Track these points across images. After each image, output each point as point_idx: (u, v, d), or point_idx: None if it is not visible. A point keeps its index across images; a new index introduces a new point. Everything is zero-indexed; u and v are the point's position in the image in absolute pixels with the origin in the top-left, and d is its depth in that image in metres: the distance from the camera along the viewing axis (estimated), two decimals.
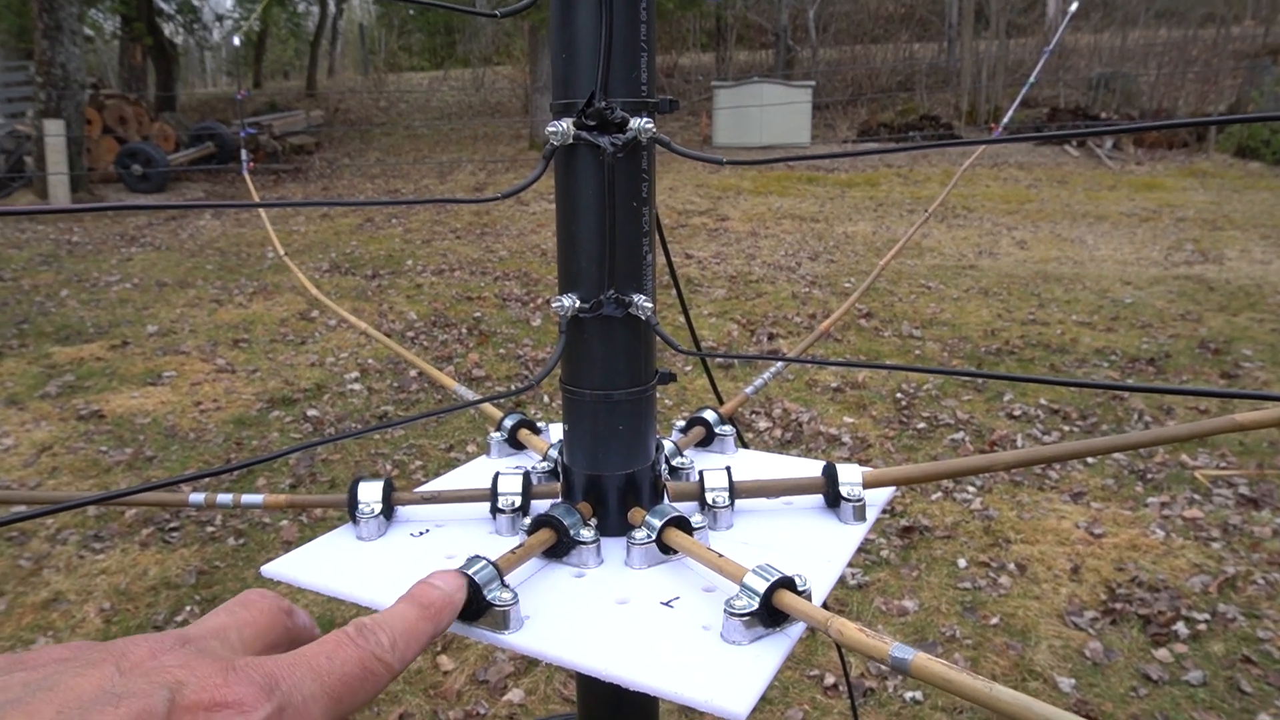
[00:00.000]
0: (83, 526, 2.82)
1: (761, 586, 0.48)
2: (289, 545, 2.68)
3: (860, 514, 0.63)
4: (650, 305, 0.57)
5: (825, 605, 0.51)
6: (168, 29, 17.19)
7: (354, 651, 0.33)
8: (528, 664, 2.15)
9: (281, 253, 1.19)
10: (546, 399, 3.81)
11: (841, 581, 2.42)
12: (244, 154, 1.53)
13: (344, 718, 0.32)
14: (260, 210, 1.29)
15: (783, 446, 3.39)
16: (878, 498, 0.65)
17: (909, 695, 2.02)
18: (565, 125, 0.53)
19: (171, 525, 2.83)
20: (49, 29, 9.91)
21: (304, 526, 2.81)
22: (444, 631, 0.37)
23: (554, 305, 0.57)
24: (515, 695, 2.04)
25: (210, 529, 2.81)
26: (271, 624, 0.35)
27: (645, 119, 0.53)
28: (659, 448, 0.64)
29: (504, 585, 0.51)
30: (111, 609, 2.40)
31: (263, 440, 3.49)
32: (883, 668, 2.11)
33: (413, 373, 4.19)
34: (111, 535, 2.77)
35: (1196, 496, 2.88)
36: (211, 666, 0.29)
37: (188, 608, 2.40)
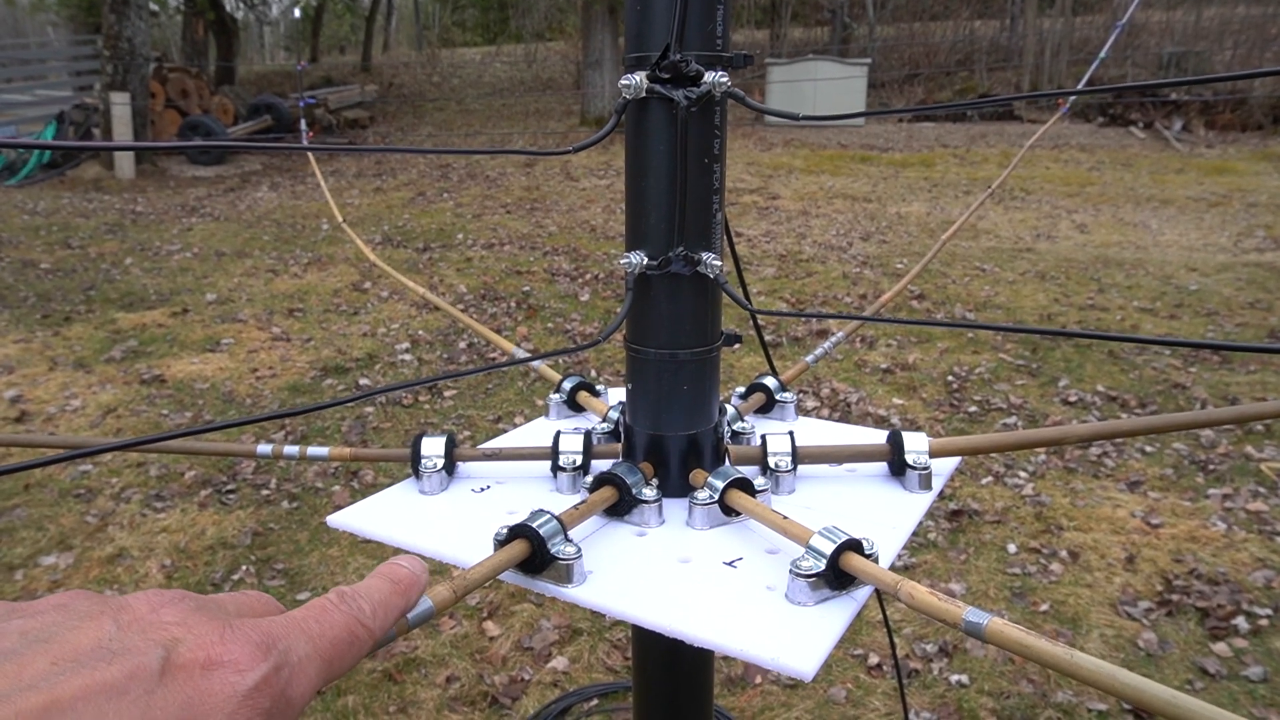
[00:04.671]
0: (145, 486, 2.91)
1: (828, 548, 0.47)
2: (341, 509, 2.72)
3: (926, 482, 0.62)
4: (719, 264, 0.56)
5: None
6: (229, 4, 17.46)
7: (340, 616, 0.34)
8: (572, 632, 2.17)
9: (340, 219, 1.21)
10: (594, 372, 3.82)
11: None
12: (303, 124, 1.55)
13: (331, 680, 0.33)
14: (320, 181, 1.30)
15: None
16: (943, 467, 0.64)
17: (954, 679, 2.00)
18: (638, 79, 0.52)
19: (229, 488, 2.91)
20: (116, 4, 10.14)
21: (355, 493, 2.87)
22: (412, 608, 0.39)
23: (621, 261, 0.56)
24: (559, 663, 2.07)
25: (265, 492, 2.88)
26: (266, 609, 0.35)
27: (720, 73, 0.52)
28: (722, 410, 0.63)
29: (568, 540, 0.51)
30: (172, 565, 2.48)
31: None
32: (928, 649, 2.09)
33: (462, 344, 4.23)
34: (172, 495, 2.86)
35: (1261, 490, 2.79)
36: (209, 624, 0.30)
37: (243, 567, 2.47)
